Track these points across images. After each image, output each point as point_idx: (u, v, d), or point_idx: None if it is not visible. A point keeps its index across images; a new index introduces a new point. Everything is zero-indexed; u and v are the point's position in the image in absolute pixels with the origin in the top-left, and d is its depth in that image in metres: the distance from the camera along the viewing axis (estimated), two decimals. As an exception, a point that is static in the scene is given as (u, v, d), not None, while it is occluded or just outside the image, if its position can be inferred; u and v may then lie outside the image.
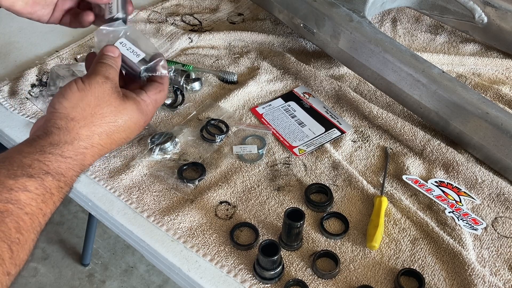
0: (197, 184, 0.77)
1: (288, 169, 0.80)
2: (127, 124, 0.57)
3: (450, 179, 0.79)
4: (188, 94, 0.93)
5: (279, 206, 0.75)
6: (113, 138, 0.56)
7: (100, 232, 1.79)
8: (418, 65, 0.82)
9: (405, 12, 1.17)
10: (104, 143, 0.55)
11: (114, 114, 0.55)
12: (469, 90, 0.80)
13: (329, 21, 0.90)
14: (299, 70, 0.97)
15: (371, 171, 0.81)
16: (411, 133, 0.84)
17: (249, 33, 1.06)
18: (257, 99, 0.93)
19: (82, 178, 0.78)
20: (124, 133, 0.57)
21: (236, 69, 0.99)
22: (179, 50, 1.03)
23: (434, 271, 0.67)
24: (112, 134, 0.55)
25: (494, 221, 0.74)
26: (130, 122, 0.57)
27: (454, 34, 1.12)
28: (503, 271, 0.68)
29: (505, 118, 0.76)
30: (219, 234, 0.71)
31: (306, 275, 0.67)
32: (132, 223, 0.72)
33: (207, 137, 0.83)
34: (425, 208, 0.76)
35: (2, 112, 0.87)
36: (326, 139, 0.85)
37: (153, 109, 0.62)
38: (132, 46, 0.64)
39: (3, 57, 0.99)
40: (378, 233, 0.69)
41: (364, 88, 0.96)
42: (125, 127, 0.57)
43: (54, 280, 1.68)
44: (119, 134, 0.56)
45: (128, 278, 1.70)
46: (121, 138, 0.57)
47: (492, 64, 1.03)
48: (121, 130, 0.56)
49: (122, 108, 0.56)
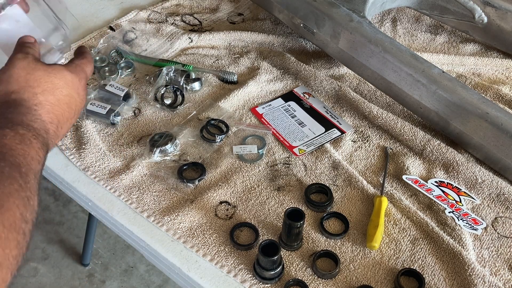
0: (197, 184, 0.77)
1: (288, 169, 0.80)
2: (63, 81, 0.59)
3: (450, 179, 0.79)
4: (188, 94, 0.93)
5: (279, 206, 0.75)
6: (56, 95, 0.58)
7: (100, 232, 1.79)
8: (418, 65, 0.82)
9: (405, 12, 1.17)
10: (50, 100, 0.57)
11: (46, 75, 0.58)
12: (469, 90, 0.80)
13: (329, 21, 0.90)
14: (299, 70, 0.97)
15: (371, 171, 0.81)
16: (411, 133, 0.84)
17: (249, 33, 1.06)
18: (257, 99, 0.93)
19: (82, 178, 0.78)
20: (65, 90, 0.59)
21: (236, 69, 0.99)
22: (179, 50, 1.03)
23: (434, 271, 0.67)
24: (53, 91, 0.58)
25: (494, 221, 0.74)
26: (65, 79, 0.60)
27: (454, 34, 1.12)
28: (503, 271, 0.68)
29: (505, 118, 0.76)
30: (219, 234, 0.71)
31: (306, 275, 0.67)
32: (132, 223, 0.72)
33: (207, 137, 0.83)
34: (425, 208, 0.76)
35: None
36: (326, 139, 0.85)
37: (81, 71, 0.63)
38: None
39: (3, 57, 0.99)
40: (378, 233, 0.69)
41: (364, 88, 0.96)
42: (63, 84, 0.59)
43: (54, 280, 1.68)
44: (61, 90, 0.59)
45: (128, 278, 1.70)
46: (65, 94, 0.59)
47: (492, 64, 1.03)
48: (60, 87, 0.59)
49: (51, 70, 0.59)
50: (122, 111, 0.87)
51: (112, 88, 0.88)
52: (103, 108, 0.84)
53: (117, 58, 0.97)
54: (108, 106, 0.84)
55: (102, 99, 0.87)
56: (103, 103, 0.85)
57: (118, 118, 0.86)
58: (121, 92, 0.88)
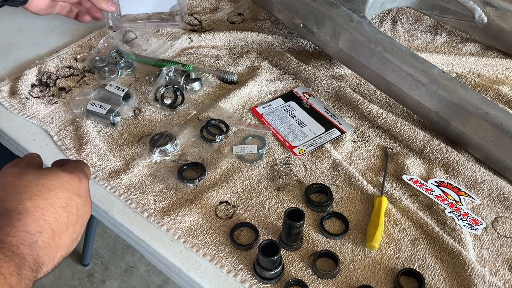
0: (197, 184, 0.77)
1: (288, 169, 0.80)
2: (58, 183, 0.51)
3: (450, 179, 0.79)
4: (188, 94, 0.93)
5: (279, 206, 0.75)
6: (49, 199, 0.50)
7: (100, 232, 1.79)
8: (418, 65, 0.82)
9: (405, 12, 1.17)
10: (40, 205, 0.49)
11: (37, 178, 0.51)
12: (469, 90, 0.80)
13: (329, 21, 0.90)
14: (299, 70, 0.97)
15: (371, 171, 0.81)
16: (411, 133, 0.84)
17: (249, 33, 1.06)
18: (257, 99, 0.93)
19: (82, 178, 0.78)
20: (62, 193, 0.51)
21: (236, 69, 0.99)
22: (179, 50, 1.03)
23: (434, 271, 0.67)
24: (44, 194, 0.50)
25: (494, 221, 0.74)
26: (61, 181, 0.52)
27: (454, 34, 1.12)
28: (503, 271, 0.68)
29: (505, 118, 0.76)
30: (219, 234, 0.71)
31: (306, 275, 0.67)
32: (132, 223, 0.72)
33: (207, 137, 0.83)
34: (425, 208, 0.76)
35: (2, 112, 0.87)
36: (326, 139, 0.85)
37: (80, 171, 0.56)
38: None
39: (3, 57, 0.99)
40: (378, 233, 0.69)
41: (364, 88, 0.96)
42: (58, 186, 0.51)
43: (54, 280, 1.68)
44: (55, 193, 0.50)
45: (128, 278, 1.70)
46: (61, 198, 0.51)
47: (492, 64, 1.03)
48: (55, 189, 0.50)
49: (43, 171, 0.52)
50: (122, 111, 0.87)
51: (112, 88, 0.88)
52: (103, 108, 0.84)
53: (117, 58, 0.97)
54: (108, 106, 0.84)
55: (102, 99, 0.87)
56: (103, 103, 0.85)
57: (118, 118, 0.86)
58: (121, 92, 0.88)
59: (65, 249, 0.51)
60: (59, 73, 0.95)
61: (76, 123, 0.85)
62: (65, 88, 0.92)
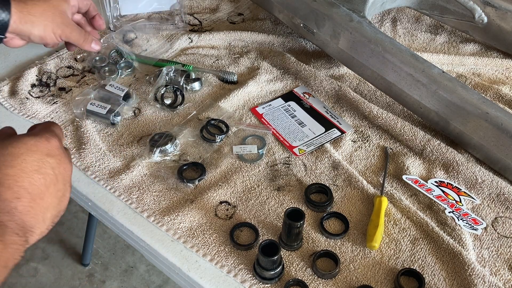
0: (197, 184, 0.77)
1: (288, 169, 0.80)
2: (24, 148, 0.51)
3: (450, 179, 0.79)
4: (188, 94, 0.93)
5: (279, 206, 0.75)
6: (18, 166, 0.50)
7: (100, 232, 1.79)
8: (418, 65, 0.82)
9: (405, 12, 1.17)
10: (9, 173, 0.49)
11: (1, 148, 0.51)
12: (469, 90, 0.80)
13: (329, 21, 0.90)
14: (299, 70, 0.97)
15: (371, 171, 0.81)
16: (411, 133, 0.84)
17: (249, 33, 1.06)
18: (257, 99, 0.93)
19: (82, 178, 0.78)
20: (29, 156, 0.51)
21: (236, 69, 0.99)
22: (179, 50, 1.03)
23: (434, 271, 0.67)
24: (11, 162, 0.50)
25: (494, 221, 0.74)
26: (27, 145, 0.51)
27: (454, 34, 1.12)
28: (503, 271, 0.68)
29: (505, 118, 0.76)
30: (219, 234, 0.71)
31: (306, 275, 0.67)
32: (132, 223, 0.72)
33: (207, 137, 0.83)
34: (425, 208, 0.76)
35: (2, 112, 0.87)
36: (326, 139, 0.85)
37: (49, 132, 0.55)
38: None
39: (3, 57, 0.99)
40: (378, 233, 0.69)
41: (364, 88, 0.96)
42: (24, 151, 0.51)
43: (54, 280, 1.68)
44: (23, 159, 0.50)
45: (128, 278, 1.70)
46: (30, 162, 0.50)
47: (492, 64, 1.03)
48: (20, 155, 0.50)
49: (7, 141, 0.52)
50: (122, 111, 0.87)
51: (112, 88, 0.88)
52: (103, 108, 0.84)
53: (117, 58, 0.97)
54: (108, 106, 0.84)
55: (102, 99, 0.87)
56: (103, 103, 0.85)
57: (118, 118, 0.86)
58: (121, 92, 0.88)
59: (53, 208, 0.52)
60: (59, 73, 0.95)
61: (76, 123, 0.85)
62: (65, 88, 0.92)
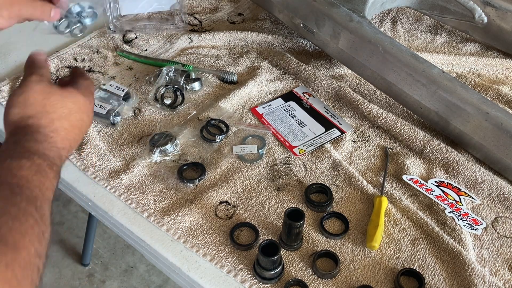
0: (197, 184, 0.77)
1: (288, 169, 0.80)
2: (77, 106, 0.60)
3: (450, 179, 0.79)
4: (188, 94, 0.93)
5: (279, 206, 0.75)
6: (71, 120, 0.59)
7: (100, 232, 1.79)
8: (418, 65, 0.82)
9: (405, 12, 1.17)
10: (66, 126, 0.58)
11: (61, 100, 0.59)
12: (469, 90, 0.80)
13: (329, 21, 0.90)
14: (299, 70, 0.97)
15: (371, 171, 0.81)
16: (411, 133, 0.84)
17: (249, 33, 1.06)
18: (257, 99, 0.93)
19: (82, 178, 0.78)
20: (79, 114, 0.60)
21: (236, 69, 0.99)
22: (179, 50, 1.03)
23: (434, 271, 0.67)
24: (68, 116, 0.59)
25: (494, 221, 0.74)
26: (79, 103, 0.61)
27: (454, 34, 1.12)
28: (503, 271, 0.68)
29: (505, 118, 0.76)
30: (219, 234, 0.71)
31: (306, 275, 0.67)
32: (132, 223, 0.72)
33: (207, 137, 0.83)
34: (425, 208, 0.76)
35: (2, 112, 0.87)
36: (326, 139, 0.85)
37: (90, 93, 0.65)
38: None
39: (3, 57, 0.99)
40: (378, 233, 0.69)
41: (364, 88, 0.96)
42: (77, 109, 0.60)
43: (54, 280, 1.68)
44: (75, 115, 0.60)
45: (128, 278, 1.70)
46: (78, 119, 0.60)
47: (492, 64, 1.03)
48: (74, 112, 0.60)
49: (66, 94, 0.60)
50: (122, 111, 0.87)
51: (112, 88, 0.88)
52: (103, 108, 0.84)
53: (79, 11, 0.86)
54: (108, 106, 0.84)
55: (102, 99, 0.87)
56: (103, 103, 0.85)
57: (118, 118, 0.86)
58: (121, 92, 0.88)
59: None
60: (59, 73, 0.95)
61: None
62: (65, 88, 0.92)
